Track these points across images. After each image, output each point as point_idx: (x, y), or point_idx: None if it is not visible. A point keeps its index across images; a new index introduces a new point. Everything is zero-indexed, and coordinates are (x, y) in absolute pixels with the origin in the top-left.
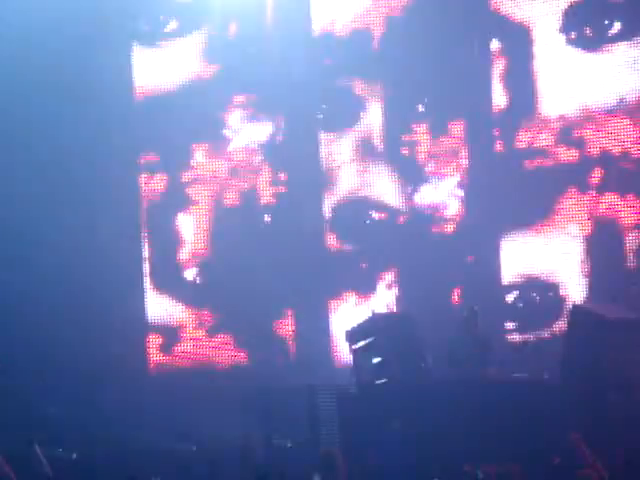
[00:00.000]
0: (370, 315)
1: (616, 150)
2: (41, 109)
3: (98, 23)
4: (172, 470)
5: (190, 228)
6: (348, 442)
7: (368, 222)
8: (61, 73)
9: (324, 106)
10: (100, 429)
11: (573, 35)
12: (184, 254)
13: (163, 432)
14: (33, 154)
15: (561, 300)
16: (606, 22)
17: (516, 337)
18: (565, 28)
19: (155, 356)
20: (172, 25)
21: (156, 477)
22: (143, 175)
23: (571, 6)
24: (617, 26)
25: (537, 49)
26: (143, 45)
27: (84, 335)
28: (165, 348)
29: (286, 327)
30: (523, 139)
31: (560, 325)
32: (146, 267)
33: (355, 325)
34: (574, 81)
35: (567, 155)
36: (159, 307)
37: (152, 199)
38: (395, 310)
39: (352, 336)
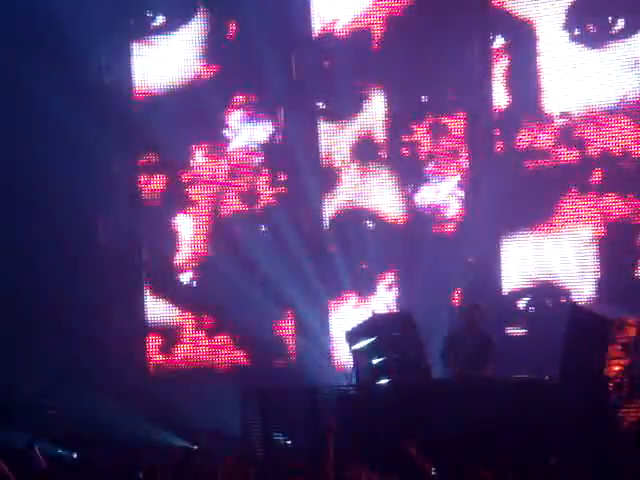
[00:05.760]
0: (370, 315)
1: (617, 150)
2: (41, 109)
3: (98, 22)
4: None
5: (190, 229)
6: (348, 442)
7: (372, 223)
8: (61, 72)
9: (324, 102)
10: (100, 429)
11: (577, 32)
12: (184, 254)
13: (163, 432)
14: (32, 154)
15: (563, 303)
16: (610, 19)
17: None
18: (568, 25)
19: (155, 357)
20: (166, 22)
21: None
22: (143, 175)
23: (574, 3)
24: (621, 24)
25: (540, 47)
26: (139, 43)
27: (83, 335)
28: (165, 349)
29: (286, 327)
30: (524, 139)
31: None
32: (146, 268)
33: (355, 325)
34: (577, 79)
35: (568, 155)
36: (159, 308)
37: (152, 200)
38: (395, 310)
39: (352, 336)
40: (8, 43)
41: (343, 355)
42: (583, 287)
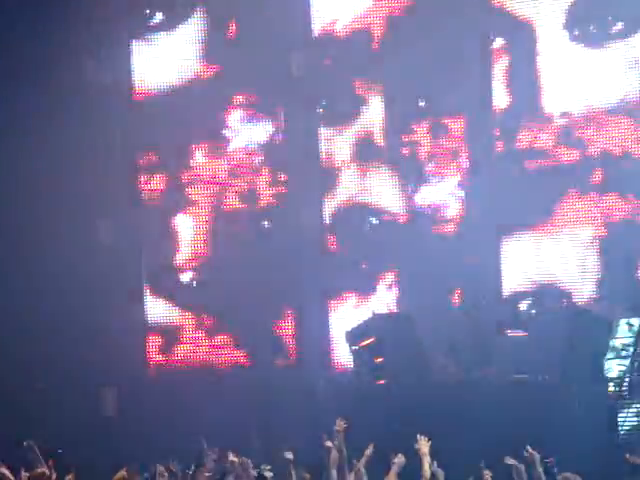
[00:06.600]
0: (370, 315)
1: (617, 150)
2: (42, 108)
3: (98, 22)
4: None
5: (190, 228)
6: (348, 442)
7: (373, 223)
8: (61, 72)
9: (323, 103)
10: (101, 429)
11: (576, 32)
12: (184, 254)
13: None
14: (32, 154)
15: (564, 304)
16: (610, 19)
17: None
18: (568, 25)
19: (155, 357)
20: (165, 20)
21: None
22: (143, 175)
23: (574, 3)
24: (620, 24)
25: (540, 47)
26: (138, 41)
27: (84, 335)
28: (165, 349)
29: (286, 327)
30: (524, 139)
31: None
32: (146, 268)
33: (355, 325)
34: (577, 79)
35: (568, 155)
36: (159, 308)
37: (152, 200)
38: (395, 310)
39: (352, 336)
40: (7, 42)
41: (343, 355)
42: (583, 287)
